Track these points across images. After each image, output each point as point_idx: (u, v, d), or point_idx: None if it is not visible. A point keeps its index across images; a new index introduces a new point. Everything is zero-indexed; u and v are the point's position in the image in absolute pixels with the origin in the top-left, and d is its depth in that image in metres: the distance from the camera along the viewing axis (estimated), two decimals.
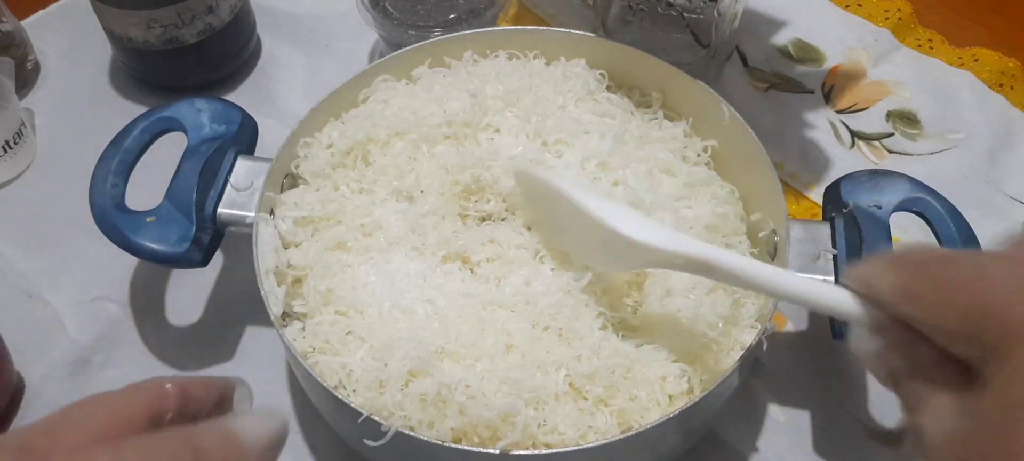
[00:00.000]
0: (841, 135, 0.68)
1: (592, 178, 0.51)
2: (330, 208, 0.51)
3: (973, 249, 0.47)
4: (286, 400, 0.54)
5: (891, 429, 0.53)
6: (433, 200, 0.51)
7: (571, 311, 0.46)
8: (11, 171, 0.65)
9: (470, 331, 0.45)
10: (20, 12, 0.74)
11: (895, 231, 0.50)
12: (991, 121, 0.69)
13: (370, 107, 0.56)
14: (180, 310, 0.59)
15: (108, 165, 0.52)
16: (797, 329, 0.57)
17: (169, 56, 0.67)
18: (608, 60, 0.58)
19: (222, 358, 0.56)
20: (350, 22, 0.74)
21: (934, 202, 0.49)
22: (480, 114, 0.54)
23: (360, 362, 0.45)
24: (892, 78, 0.73)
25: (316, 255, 0.49)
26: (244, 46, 0.73)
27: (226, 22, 0.68)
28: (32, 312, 0.58)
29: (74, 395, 0.53)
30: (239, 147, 0.54)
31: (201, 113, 0.55)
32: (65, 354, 0.56)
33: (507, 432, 0.41)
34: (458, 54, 0.59)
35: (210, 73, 0.71)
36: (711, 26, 0.65)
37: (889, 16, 0.77)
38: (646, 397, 0.43)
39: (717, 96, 0.55)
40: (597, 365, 0.43)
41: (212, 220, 0.51)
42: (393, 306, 0.46)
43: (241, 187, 0.52)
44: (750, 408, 0.54)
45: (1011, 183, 0.65)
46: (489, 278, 0.48)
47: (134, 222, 0.50)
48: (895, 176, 0.50)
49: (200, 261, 0.50)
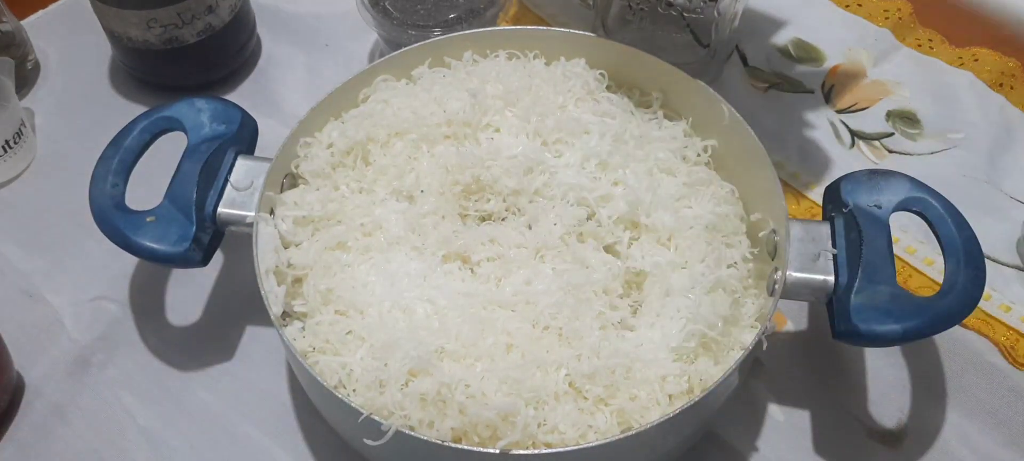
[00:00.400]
0: (841, 135, 0.68)
1: (592, 178, 0.51)
2: (330, 208, 0.51)
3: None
4: (286, 400, 0.54)
5: (891, 429, 0.53)
6: (433, 200, 0.51)
7: (571, 311, 0.46)
8: (11, 171, 0.65)
9: (470, 331, 0.45)
10: (20, 12, 0.74)
11: (895, 231, 0.50)
12: (991, 121, 0.69)
13: (370, 107, 0.56)
14: (180, 310, 0.59)
15: (108, 165, 0.52)
16: (797, 329, 0.57)
17: (169, 56, 0.67)
18: (608, 60, 0.58)
19: (222, 358, 0.56)
20: (350, 22, 0.74)
21: (934, 202, 0.49)
22: (480, 114, 0.54)
23: (360, 362, 0.45)
24: (892, 78, 0.73)
25: (316, 255, 0.49)
26: (244, 46, 0.73)
27: (226, 22, 0.68)
28: (32, 312, 0.58)
29: (74, 395, 0.54)
30: (239, 147, 0.54)
31: (201, 113, 0.55)
32: (65, 354, 0.56)
33: (507, 432, 0.41)
34: (458, 54, 0.59)
35: (210, 73, 0.71)
36: (711, 26, 0.65)
37: (889, 16, 0.76)
38: (646, 397, 0.43)
39: (717, 96, 0.55)
40: (597, 365, 0.43)
41: (212, 220, 0.51)
42: (393, 306, 0.46)
43: (241, 187, 0.52)
44: (750, 408, 0.54)
45: (1011, 183, 0.65)
46: (489, 278, 0.48)
47: (134, 222, 0.50)
48: (895, 176, 0.50)
49: (200, 261, 0.50)
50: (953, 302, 0.45)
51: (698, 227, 0.50)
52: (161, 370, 0.56)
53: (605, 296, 0.47)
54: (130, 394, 0.54)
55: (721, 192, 0.53)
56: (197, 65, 0.70)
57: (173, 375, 0.55)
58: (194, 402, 0.54)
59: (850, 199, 0.49)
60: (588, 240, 0.50)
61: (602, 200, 0.51)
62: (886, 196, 0.49)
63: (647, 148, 0.54)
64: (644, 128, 0.56)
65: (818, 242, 0.48)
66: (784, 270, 0.47)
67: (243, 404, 0.54)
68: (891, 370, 0.55)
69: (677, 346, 0.45)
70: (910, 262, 0.60)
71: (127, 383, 0.55)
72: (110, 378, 0.55)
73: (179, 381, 0.55)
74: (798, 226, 0.49)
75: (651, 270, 0.48)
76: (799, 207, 0.64)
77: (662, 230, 0.50)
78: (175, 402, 0.54)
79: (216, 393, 0.55)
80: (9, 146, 0.64)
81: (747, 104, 0.68)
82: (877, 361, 0.55)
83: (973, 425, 0.53)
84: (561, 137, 0.53)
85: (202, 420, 0.53)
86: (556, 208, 0.50)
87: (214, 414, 0.54)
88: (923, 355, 0.55)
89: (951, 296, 0.45)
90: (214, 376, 0.55)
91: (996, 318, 0.57)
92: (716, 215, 0.51)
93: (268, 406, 0.54)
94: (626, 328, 0.47)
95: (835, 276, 0.47)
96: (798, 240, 0.48)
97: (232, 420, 0.53)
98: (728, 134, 0.55)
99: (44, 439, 0.53)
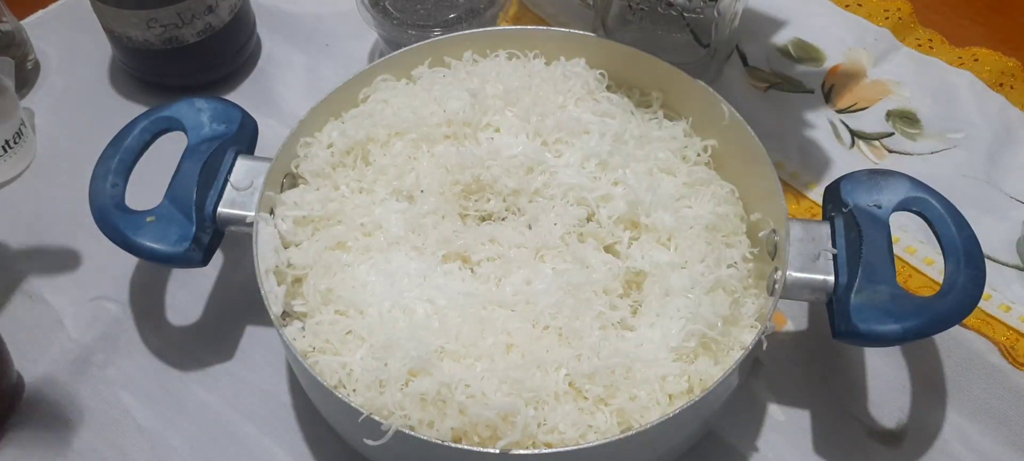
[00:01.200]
0: (841, 135, 0.68)
1: (592, 178, 0.51)
2: (330, 208, 0.51)
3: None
4: (287, 400, 0.54)
5: (891, 429, 0.53)
6: (433, 200, 0.51)
7: (571, 311, 0.46)
8: (11, 171, 0.65)
9: (470, 331, 0.45)
10: (20, 12, 0.74)
11: (895, 231, 0.50)
12: (991, 121, 0.69)
13: (370, 107, 0.56)
14: (180, 310, 0.59)
15: (108, 164, 0.52)
16: (797, 329, 0.57)
17: (169, 56, 0.67)
18: (608, 60, 0.58)
19: (222, 358, 0.56)
20: (350, 22, 0.74)
21: (934, 202, 0.49)
22: (480, 113, 0.54)
23: (360, 361, 0.45)
24: (892, 77, 0.73)
25: (316, 254, 0.49)
26: (244, 46, 0.73)
27: (226, 22, 0.68)
28: (32, 312, 0.58)
29: (74, 395, 0.54)
30: (239, 147, 0.54)
31: (201, 113, 0.55)
32: (65, 354, 0.56)
33: (507, 432, 0.41)
34: (458, 54, 0.59)
35: (210, 73, 0.71)
36: (711, 26, 0.65)
37: (889, 15, 0.77)
38: (646, 397, 0.43)
39: (717, 96, 0.55)
40: (597, 365, 0.43)
41: (212, 220, 0.51)
42: (393, 306, 0.46)
43: (241, 187, 0.52)
44: (750, 408, 0.54)
45: (1011, 183, 0.65)
46: (489, 277, 0.48)
47: (134, 222, 0.50)
48: (895, 176, 0.50)
49: (200, 261, 0.50)
50: (953, 302, 0.45)
51: (698, 227, 0.50)
52: (161, 370, 0.56)
53: (605, 296, 0.47)
54: (130, 394, 0.54)
55: (721, 192, 0.53)
56: (197, 65, 0.70)
57: (173, 375, 0.55)
58: (194, 402, 0.54)
59: (850, 199, 0.49)
60: (588, 240, 0.50)
61: (602, 200, 0.51)
62: (886, 196, 0.49)
63: (647, 148, 0.54)
64: (644, 128, 0.56)
65: (818, 242, 0.48)
66: (784, 270, 0.47)
67: (243, 404, 0.54)
68: (891, 370, 0.55)
69: (677, 346, 0.45)
70: (910, 262, 0.60)
71: (127, 383, 0.55)
72: (110, 378, 0.55)
73: (179, 381, 0.55)
74: (798, 226, 0.49)
75: (651, 270, 0.48)
76: (799, 207, 0.64)
77: (662, 230, 0.50)
78: (175, 402, 0.54)
79: (216, 393, 0.55)
80: (9, 146, 0.64)
81: (747, 104, 0.69)
82: (877, 361, 0.55)
83: (973, 425, 0.53)
84: (561, 137, 0.53)
85: (202, 420, 0.53)
86: (556, 208, 0.50)
87: (214, 414, 0.54)
88: (923, 355, 0.55)
89: (951, 296, 0.45)
90: (214, 376, 0.55)
91: (996, 318, 0.57)
92: (716, 215, 0.51)
93: (268, 406, 0.54)
94: (626, 328, 0.47)
95: (835, 276, 0.47)
96: (798, 240, 0.48)
97: (232, 420, 0.53)
98: (728, 134, 0.55)
99: (44, 439, 0.53)
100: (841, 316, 0.45)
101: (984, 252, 0.47)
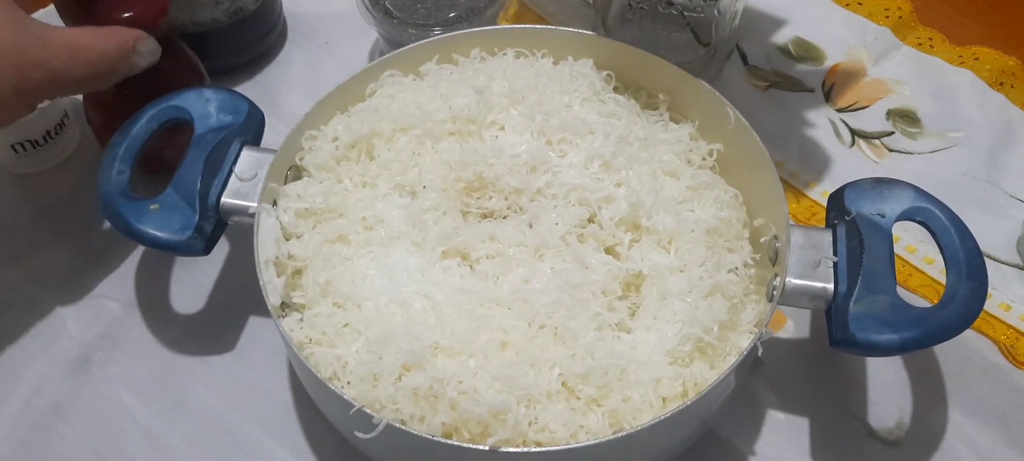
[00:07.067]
0: (841, 134, 0.68)
1: (595, 179, 0.51)
2: (333, 201, 0.52)
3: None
4: (287, 398, 0.54)
5: (891, 429, 0.53)
6: (435, 196, 0.51)
7: (568, 310, 0.46)
8: (48, 161, 0.65)
9: (466, 327, 0.45)
10: (25, 8, 0.74)
11: (895, 230, 0.49)
12: (991, 120, 0.68)
13: (376, 101, 0.56)
14: (181, 308, 0.59)
15: (115, 152, 0.52)
16: (798, 329, 0.57)
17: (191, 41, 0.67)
18: (616, 60, 0.58)
19: (223, 357, 0.56)
20: (350, 21, 0.73)
21: (938, 212, 0.48)
22: (485, 111, 0.54)
23: (355, 354, 0.45)
24: (892, 76, 0.72)
25: (316, 247, 0.50)
26: (268, 34, 0.74)
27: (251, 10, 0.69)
28: (33, 309, 0.58)
29: (74, 393, 0.54)
30: (245, 138, 0.54)
31: (209, 103, 0.55)
32: (65, 352, 0.56)
33: (497, 429, 0.41)
34: (466, 51, 0.59)
35: (229, 58, 0.72)
36: (711, 24, 0.65)
37: (889, 14, 0.76)
38: (639, 399, 0.43)
39: (723, 100, 0.55)
40: (591, 365, 0.43)
41: (215, 209, 0.51)
42: (390, 300, 0.47)
43: (245, 177, 0.52)
44: (750, 408, 0.53)
45: (1011, 182, 0.65)
46: (487, 275, 0.48)
47: (137, 209, 0.50)
48: (900, 185, 0.50)
49: (202, 249, 0.50)
50: (953, 314, 0.44)
51: (699, 231, 0.49)
52: (162, 368, 0.56)
53: (603, 297, 0.47)
54: (131, 392, 0.54)
55: (724, 196, 0.53)
56: (221, 50, 0.71)
57: (174, 373, 0.55)
58: (195, 400, 0.54)
59: (854, 207, 0.49)
60: (589, 241, 0.50)
61: (604, 201, 0.51)
62: (890, 205, 0.49)
63: (652, 150, 0.54)
64: (650, 130, 0.56)
65: (819, 249, 0.48)
66: (783, 277, 0.47)
67: (244, 402, 0.54)
68: (891, 370, 0.55)
69: (672, 349, 0.45)
70: (910, 261, 0.60)
71: (128, 381, 0.55)
72: (110, 376, 0.55)
73: (180, 379, 0.55)
74: (799, 233, 0.49)
75: (650, 272, 0.48)
76: (799, 206, 0.64)
77: (663, 233, 0.50)
78: (176, 400, 0.54)
79: (217, 391, 0.55)
80: (50, 137, 0.64)
81: (747, 103, 0.68)
82: (877, 361, 0.55)
83: (973, 424, 0.53)
84: (565, 137, 0.53)
85: (203, 418, 0.53)
86: (558, 208, 0.50)
87: (215, 412, 0.54)
88: (923, 355, 0.55)
89: (951, 308, 0.45)
90: (215, 374, 0.55)
91: (996, 317, 0.57)
92: (718, 219, 0.50)
93: (269, 404, 0.54)
94: (623, 330, 0.47)
95: (835, 284, 0.47)
96: (799, 247, 0.48)
97: (233, 418, 0.53)
98: (733, 138, 0.54)
99: (44, 437, 0.53)
100: (839, 324, 0.45)
101: (984, 251, 0.47)
